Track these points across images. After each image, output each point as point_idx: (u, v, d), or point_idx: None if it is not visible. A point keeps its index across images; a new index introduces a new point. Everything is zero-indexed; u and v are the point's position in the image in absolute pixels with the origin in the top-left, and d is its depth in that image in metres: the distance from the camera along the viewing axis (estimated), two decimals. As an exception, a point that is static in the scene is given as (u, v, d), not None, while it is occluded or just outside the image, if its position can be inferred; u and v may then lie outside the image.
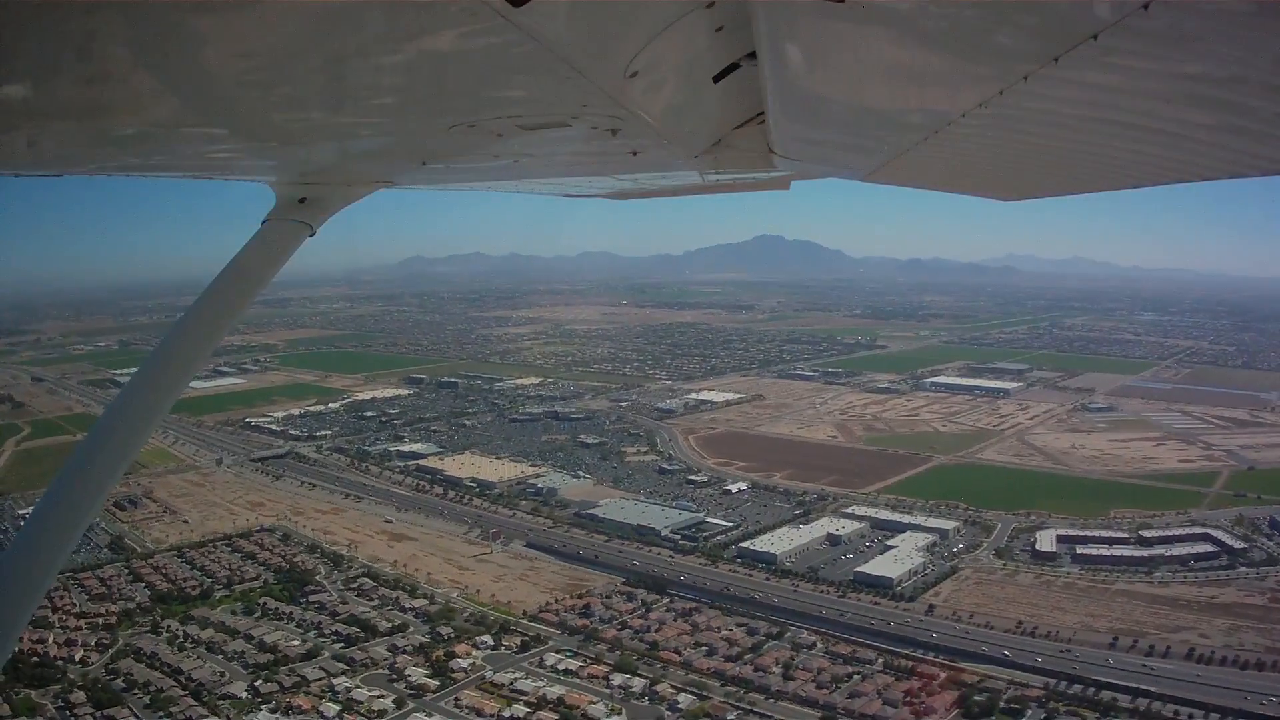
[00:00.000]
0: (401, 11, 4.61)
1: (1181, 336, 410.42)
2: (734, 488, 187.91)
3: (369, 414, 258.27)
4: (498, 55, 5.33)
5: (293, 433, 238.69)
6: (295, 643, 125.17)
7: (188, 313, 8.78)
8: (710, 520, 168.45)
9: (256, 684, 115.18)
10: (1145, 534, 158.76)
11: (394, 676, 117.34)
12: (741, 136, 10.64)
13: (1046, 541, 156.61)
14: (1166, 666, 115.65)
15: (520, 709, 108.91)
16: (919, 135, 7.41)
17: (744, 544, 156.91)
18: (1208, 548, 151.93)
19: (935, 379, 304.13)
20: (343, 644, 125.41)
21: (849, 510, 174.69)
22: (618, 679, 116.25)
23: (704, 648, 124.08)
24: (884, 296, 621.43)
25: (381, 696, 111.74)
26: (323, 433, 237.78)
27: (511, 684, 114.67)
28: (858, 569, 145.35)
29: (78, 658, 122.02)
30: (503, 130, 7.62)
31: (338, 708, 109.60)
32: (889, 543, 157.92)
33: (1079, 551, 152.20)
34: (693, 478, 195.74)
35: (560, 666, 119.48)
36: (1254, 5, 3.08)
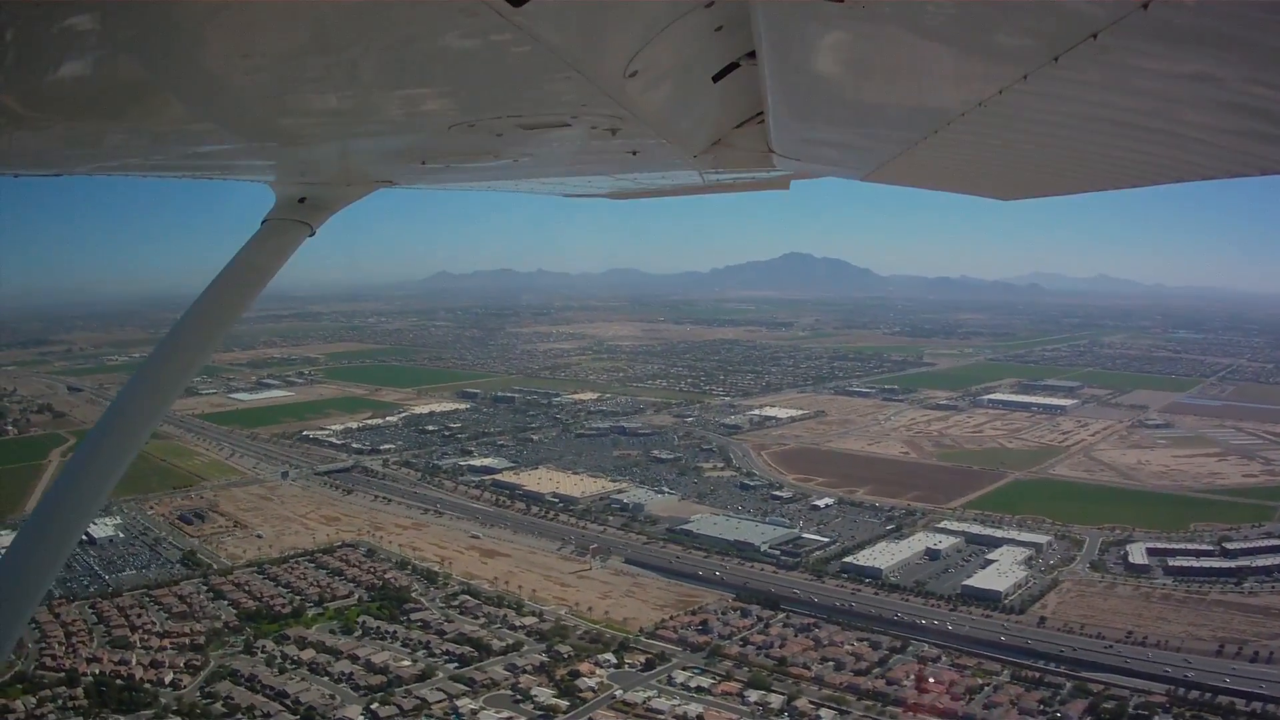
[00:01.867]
0: (401, 11, 4.61)
1: (1219, 354, 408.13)
2: (821, 503, 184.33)
3: (430, 428, 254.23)
4: (498, 55, 5.30)
5: (355, 446, 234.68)
6: (406, 663, 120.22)
7: (188, 312, 8.88)
8: (806, 535, 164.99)
9: (372, 707, 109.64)
10: (1228, 546, 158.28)
11: (518, 697, 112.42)
12: (741, 136, 10.56)
13: (1138, 554, 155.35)
14: (1274, 672, 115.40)
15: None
16: (919, 135, 7.35)
17: (847, 559, 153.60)
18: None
19: (991, 396, 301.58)
20: (457, 664, 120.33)
21: (941, 525, 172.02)
22: (753, 695, 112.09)
23: (831, 662, 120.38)
24: (919, 314, 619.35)
25: (510, 719, 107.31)
26: (386, 446, 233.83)
27: (645, 703, 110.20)
28: (965, 583, 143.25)
29: (167, 680, 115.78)
30: (503, 130, 7.57)
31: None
32: (988, 556, 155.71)
33: (1170, 564, 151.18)
34: (777, 493, 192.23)
35: (691, 684, 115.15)
36: (1254, 4, 3.34)
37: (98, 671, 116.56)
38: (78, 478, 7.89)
